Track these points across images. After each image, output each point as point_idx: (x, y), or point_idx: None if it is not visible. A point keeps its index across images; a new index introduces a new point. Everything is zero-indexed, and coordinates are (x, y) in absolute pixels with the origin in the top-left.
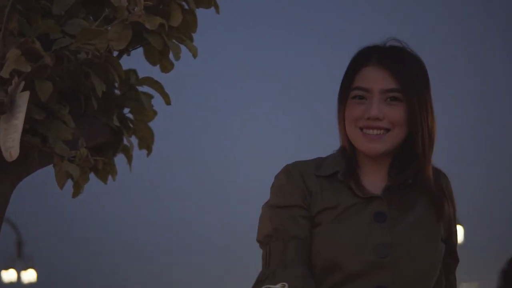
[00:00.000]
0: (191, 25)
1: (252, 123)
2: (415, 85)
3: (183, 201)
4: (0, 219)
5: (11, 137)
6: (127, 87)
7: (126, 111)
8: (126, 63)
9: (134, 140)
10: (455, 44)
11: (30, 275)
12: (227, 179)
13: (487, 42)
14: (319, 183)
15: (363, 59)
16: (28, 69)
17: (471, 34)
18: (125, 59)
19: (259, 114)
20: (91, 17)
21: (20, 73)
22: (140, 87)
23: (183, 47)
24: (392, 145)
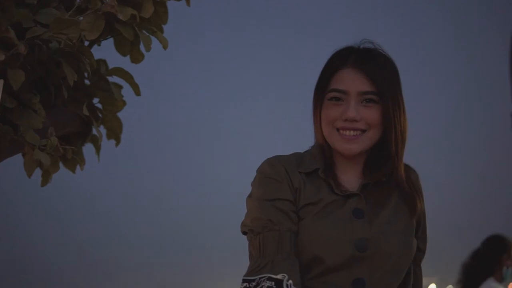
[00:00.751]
0: (162, 16)
1: (236, 117)
2: (389, 88)
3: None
4: None
5: None
6: (97, 77)
7: (95, 101)
8: (95, 53)
9: (102, 130)
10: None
11: None
12: (210, 174)
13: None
14: (302, 179)
15: (339, 61)
16: (2, 57)
17: (470, 33)
18: (94, 49)
19: (247, 109)
20: (62, 6)
21: None
22: (110, 78)
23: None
24: (367, 145)
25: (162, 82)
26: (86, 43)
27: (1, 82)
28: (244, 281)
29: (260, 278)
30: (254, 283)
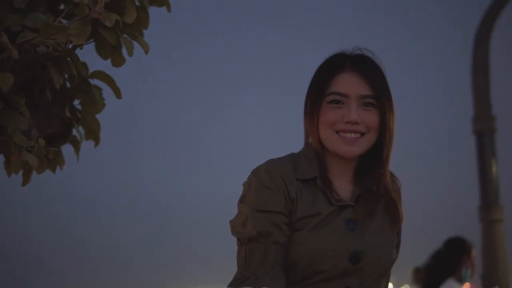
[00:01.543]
0: (143, 22)
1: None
2: (386, 92)
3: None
4: None
5: None
6: (78, 79)
7: (76, 102)
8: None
9: (81, 131)
10: None
11: None
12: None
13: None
14: (299, 187)
15: (336, 65)
16: None
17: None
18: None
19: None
20: (49, 11)
21: None
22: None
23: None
24: (365, 148)
25: (153, 83)
26: (69, 46)
27: None
28: None
29: None
30: None
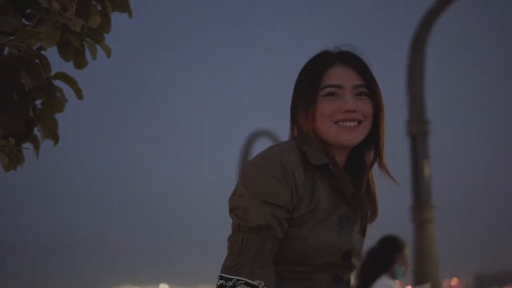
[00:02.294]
0: (105, 26)
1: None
2: (375, 81)
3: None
4: None
5: None
6: (40, 80)
7: (37, 102)
8: None
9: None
10: None
11: None
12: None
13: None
14: (308, 180)
15: (327, 61)
16: None
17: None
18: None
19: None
20: (19, 14)
21: None
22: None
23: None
24: (363, 136)
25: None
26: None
27: None
28: (221, 277)
29: (237, 280)
30: (230, 283)
